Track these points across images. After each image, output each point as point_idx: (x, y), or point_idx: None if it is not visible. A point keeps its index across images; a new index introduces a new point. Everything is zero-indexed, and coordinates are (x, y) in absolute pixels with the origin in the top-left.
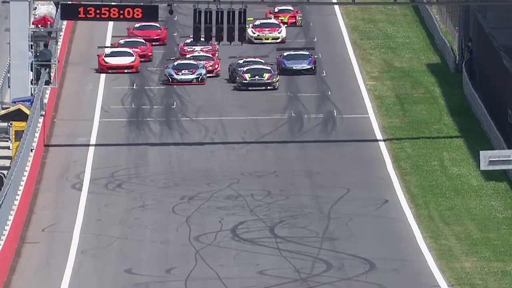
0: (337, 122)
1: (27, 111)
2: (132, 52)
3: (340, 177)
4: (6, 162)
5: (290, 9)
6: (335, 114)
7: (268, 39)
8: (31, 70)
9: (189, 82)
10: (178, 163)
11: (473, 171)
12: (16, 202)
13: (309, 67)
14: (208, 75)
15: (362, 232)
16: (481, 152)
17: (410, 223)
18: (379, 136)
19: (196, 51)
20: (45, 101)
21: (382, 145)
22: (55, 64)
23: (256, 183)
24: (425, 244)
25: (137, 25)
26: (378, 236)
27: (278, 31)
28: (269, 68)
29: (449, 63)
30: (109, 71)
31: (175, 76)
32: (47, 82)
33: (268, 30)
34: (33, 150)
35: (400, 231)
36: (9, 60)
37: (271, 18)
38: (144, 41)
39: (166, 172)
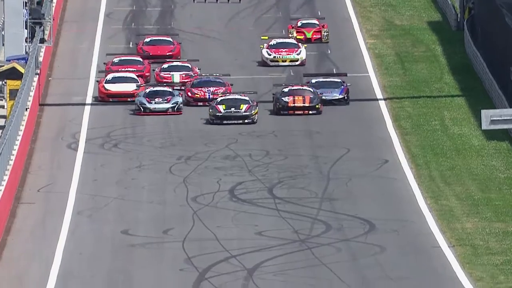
0: None
1: (21, 70)
2: (136, 78)
3: (339, 137)
4: (1, 122)
5: (314, 23)
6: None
7: (285, 61)
8: (26, 28)
9: (164, 112)
10: (175, 122)
11: (474, 131)
12: (11, 162)
13: (341, 96)
14: None
15: (361, 193)
16: (483, 111)
17: (410, 183)
18: (379, 95)
19: (174, 76)
20: (40, 59)
21: (382, 104)
22: (50, 22)
23: (255, 143)
24: (425, 204)
25: (147, 39)
26: (378, 197)
27: (297, 52)
28: (247, 98)
29: (450, 21)
30: (110, 99)
31: (147, 105)
32: (42, 40)
33: (286, 51)
34: (28, 109)
35: (400, 191)
36: (3, 18)
37: (292, 34)
38: (141, 60)
39: (163, 132)
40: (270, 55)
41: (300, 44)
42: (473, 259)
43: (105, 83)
